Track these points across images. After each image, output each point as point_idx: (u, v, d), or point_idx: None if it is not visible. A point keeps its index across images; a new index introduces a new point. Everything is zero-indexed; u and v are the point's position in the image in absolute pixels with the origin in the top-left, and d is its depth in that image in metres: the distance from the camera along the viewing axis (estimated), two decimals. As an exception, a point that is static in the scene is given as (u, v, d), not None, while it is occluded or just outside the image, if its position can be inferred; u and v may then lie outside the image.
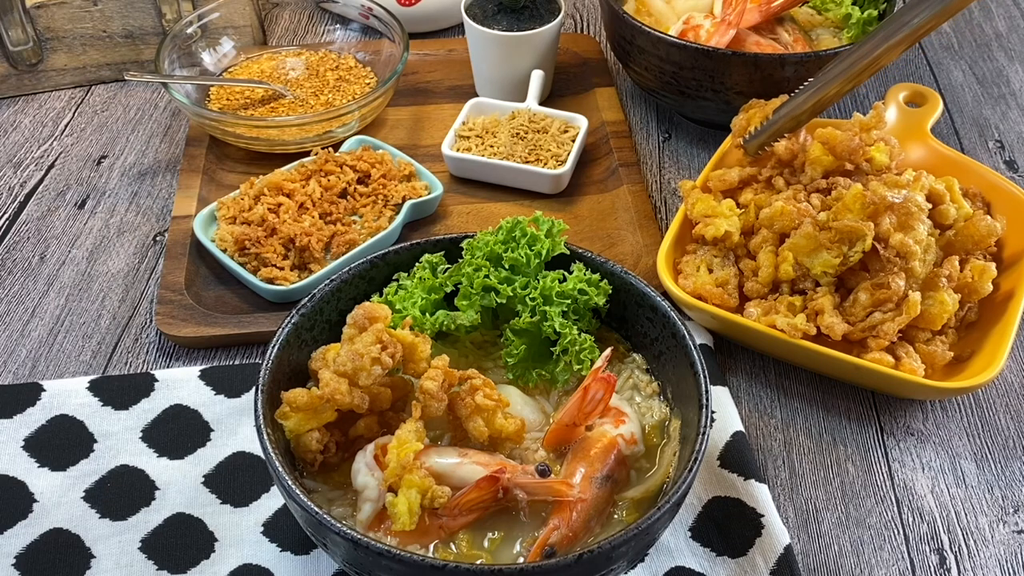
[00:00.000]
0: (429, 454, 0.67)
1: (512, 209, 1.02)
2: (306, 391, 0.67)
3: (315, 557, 0.72)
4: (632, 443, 0.70)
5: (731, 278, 0.87)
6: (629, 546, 0.60)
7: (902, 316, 0.80)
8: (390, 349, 0.68)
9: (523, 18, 1.12)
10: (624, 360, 0.77)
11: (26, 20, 1.13)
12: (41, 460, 0.78)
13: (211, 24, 1.16)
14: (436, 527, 0.65)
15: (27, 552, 0.72)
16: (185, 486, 0.77)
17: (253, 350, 0.89)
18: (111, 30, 1.17)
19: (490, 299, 0.76)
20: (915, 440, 0.83)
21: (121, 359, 0.88)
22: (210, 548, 0.73)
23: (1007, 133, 1.17)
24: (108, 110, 1.18)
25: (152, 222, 1.03)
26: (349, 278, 0.76)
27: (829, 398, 0.86)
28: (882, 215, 0.82)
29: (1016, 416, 0.85)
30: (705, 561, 0.72)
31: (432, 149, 1.09)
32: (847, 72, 0.86)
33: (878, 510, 0.77)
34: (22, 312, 0.93)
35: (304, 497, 0.60)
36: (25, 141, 1.13)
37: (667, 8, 1.16)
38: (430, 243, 0.80)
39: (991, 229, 0.87)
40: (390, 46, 1.16)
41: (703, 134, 1.15)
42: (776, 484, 0.79)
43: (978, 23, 1.37)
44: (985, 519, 0.77)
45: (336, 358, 0.68)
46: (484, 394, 0.69)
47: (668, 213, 1.04)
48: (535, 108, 1.09)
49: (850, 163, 0.91)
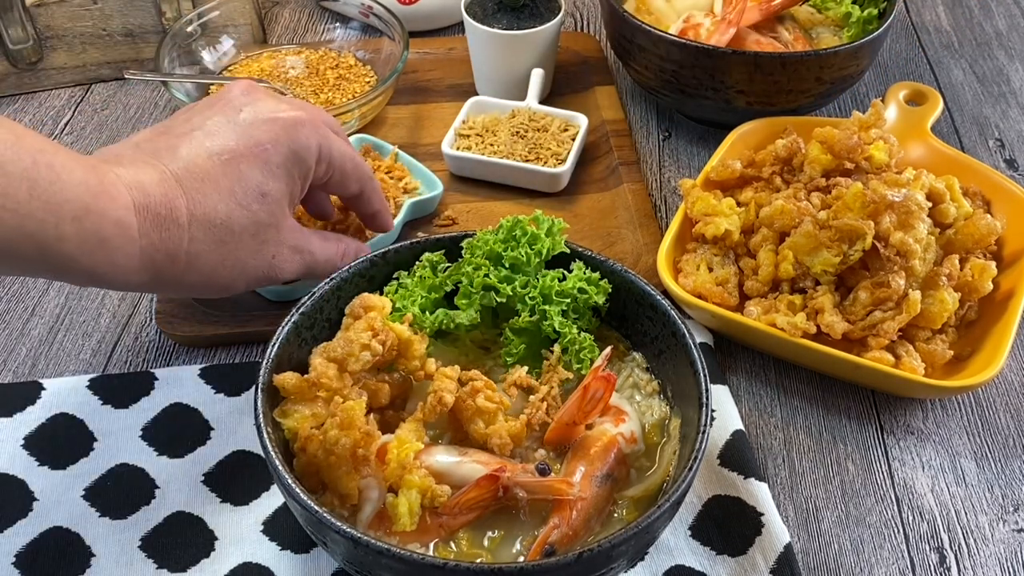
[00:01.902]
0: (429, 453, 0.67)
1: (512, 208, 1.02)
2: (296, 375, 0.67)
3: (315, 556, 0.72)
4: (632, 442, 0.71)
5: (731, 277, 0.87)
6: (629, 545, 0.60)
7: (902, 315, 0.80)
8: (381, 336, 0.68)
9: (523, 17, 1.12)
10: (624, 359, 0.77)
11: (26, 19, 1.12)
12: (41, 459, 0.78)
13: (211, 22, 1.16)
14: (436, 526, 0.65)
15: (27, 551, 0.72)
16: (185, 484, 0.77)
17: (253, 348, 0.89)
18: (111, 28, 1.17)
19: (490, 298, 0.76)
20: (915, 439, 0.83)
21: (121, 358, 0.88)
22: (210, 547, 0.73)
23: (1007, 132, 1.17)
24: (108, 109, 1.18)
25: (152, 221, 1.03)
26: (349, 276, 0.76)
27: (829, 397, 0.86)
28: (882, 214, 0.82)
29: (1016, 415, 0.85)
30: (705, 560, 0.72)
31: (432, 148, 1.09)
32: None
33: (878, 509, 0.77)
34: (22, 311, 0.93)
35: (304, 496, 0.60)
36: (25, 139, 1.13)
37: (667, 6, 1.15)
38: (430, 242, 0.80)
39: (991, 228, 0.87)
40: (390, 44, 1.16)
41: (703, 133, 1.15)
42: (776, 483, 0.79)
43: (978, 22, 1.37)
44: (985, 518, 0.77)
45: (328, 345, 0.68)
46: (486, 396, 0.69)
47: (668, 212, 1.04)
48: (535, 107, 1.09)
49: (849, 162, 0.91)
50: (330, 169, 0.77)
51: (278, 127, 0.73)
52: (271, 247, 0.74)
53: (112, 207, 0.63)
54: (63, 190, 0.61)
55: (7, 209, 0.58)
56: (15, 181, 0.58)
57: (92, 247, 0.63)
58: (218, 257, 0.70)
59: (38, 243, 0.60)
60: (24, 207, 0.59)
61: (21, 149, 0.59)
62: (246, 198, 0.70)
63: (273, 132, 0.72)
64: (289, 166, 0.73)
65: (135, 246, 0.65)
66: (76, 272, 0.64)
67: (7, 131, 0.59)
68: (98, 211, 0.62)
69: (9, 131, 0.60)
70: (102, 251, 0.63)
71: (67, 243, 0.62)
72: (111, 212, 0.63)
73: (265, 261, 0.74)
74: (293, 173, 0.73)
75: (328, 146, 0.76)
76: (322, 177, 0.77)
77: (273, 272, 0.75)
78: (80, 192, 0.61)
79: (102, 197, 0.63)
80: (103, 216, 0.63)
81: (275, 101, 0.75)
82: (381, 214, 0.86)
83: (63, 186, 0.61)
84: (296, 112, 0.74)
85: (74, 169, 0.62)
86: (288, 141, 0.73)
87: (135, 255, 0.65)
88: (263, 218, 0.72)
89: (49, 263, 0.62)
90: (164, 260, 0.67)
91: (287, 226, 0.75)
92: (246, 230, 0.71)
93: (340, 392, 0.67)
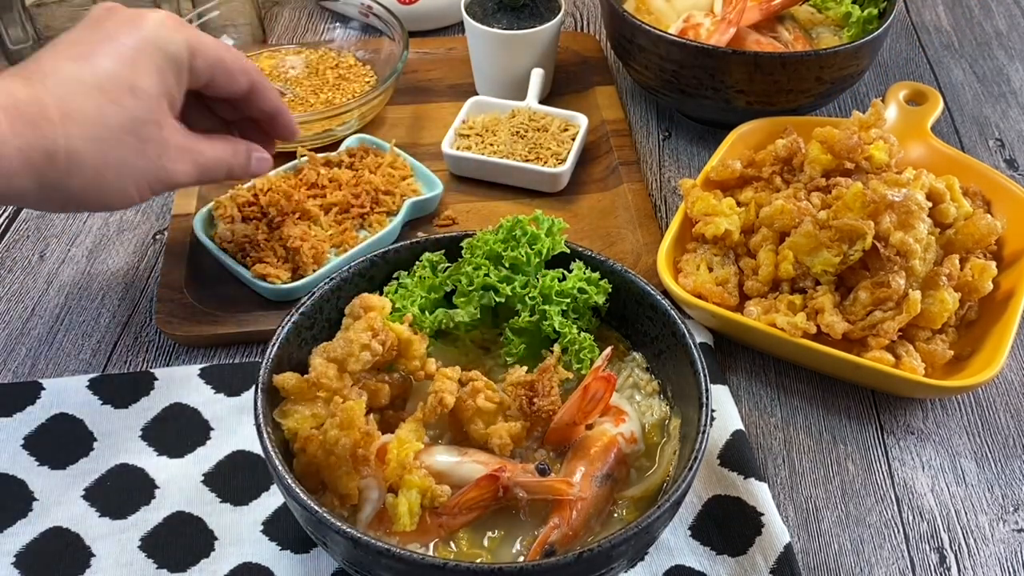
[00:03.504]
0: (429, 453, 0.67)
1: (512, 208, 1.02)
2: (295, 375, 0.67)
3: (315, 556, 0.72)
4: (632, 441, 0.70)
5: (731, 276, 0.87)
6: (629, 545, 0.60)
7: (902, 315, 0.80)
8: (381, 336, 0.68)
9: (523, 16, 1.11)
10: (624, 359, 0.77)
11: (26, 19, 1.12)
12: (41, 459, 0.78)
13: (211, 22, 1.16)
14: (436, 526, 0.65)
15: (27, 551, 0.72)
16: (185, 485, 0.77)
17: (253, 349, 0.89)
18: (111, 28, 1.17)
19: (489, 298, 0.76)
20: (915, 439, 0.83)
21: (121, 357, 0.88)
22: (210, 547, 0.73)
23: (1007, 132, 1.17)
24: (108, 108, 1.17)
25: (152, 220, 1.03)
26: (349, 276, 0.76)
27: (829, 397, 0.86)
28: (882, 214, 0.82)
29: (1016, 415, 0.85)
30: (705, 560, 0.72)
31: (432, 147, 1.09)
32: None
33: (878, 509, 0.77)
34: (21, 310, 0.93)
35: (304, 496, 0.60)
36: (25, 139, 1.13)
37: (667, 6, 1.16)
38: (430, 242, 0.80)
39: (991, 228, 0.87)
40: (390, 44, 1.16)
41: (703, 132, 1.15)
42: (776, 483, 0.79)
43: (978, 22, 1.37)
44: (985, 518, 0.77)
45: (328, 345, 0.68)
46: (486, 396, 0.69)
47: (668, 211, 1.04)
48: (535, 107, 1.09)
49: (849, 162, 0.91)
50: (208, 63, 0.75)
51: (141, 26, 0.72)
52: (154, 147, 0.72)
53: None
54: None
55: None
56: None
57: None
58: (99, 157, 0.69)
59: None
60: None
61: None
62: (116, 93, 0.70)
63: (136, 32, 0.72)
64: (159, 61, 0.72)
65: (10, 146, 0.65)
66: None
67: None
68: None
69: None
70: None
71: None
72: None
73: (151, 162, 0.73)
74: (165, 69, 0.72)
75: (198, 41, 0.75)
76: (203, 74, 0.76)
77: (164, 174, 0.74)
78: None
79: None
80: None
81: (136, 10, 0.74)
82: (282, 112, 0.84)
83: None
84: (157, 13, 0.74)
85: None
86: (154, 38, 0.72)
87: (13, 156, 0.65)
88: (139, 114, 0.71)
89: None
90: (43, 159, 0.67)
91: (169, 124, 0.74)
92: (123, 127, 0.70)
93: (340, 392, 0.67)
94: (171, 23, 0.74)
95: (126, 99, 0.70)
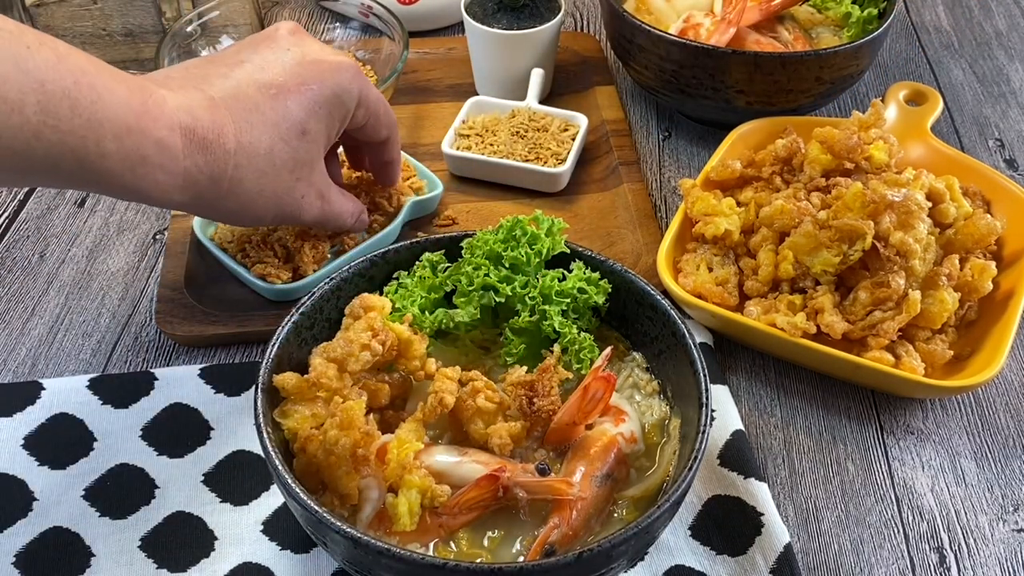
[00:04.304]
0: (429, 453, 0.67)
1: (512, 208, 1.02)
2: (295, 375, 0.67)
3: (315, 556, 0.72)
4: (632, 441, 0.71)
5: (731, 277, 0.87)
6: (629, 545, 0.60)
7: (902, 315, 0.80)
8: (381, 336, 0.68)
9: (523, 16, 1.11)
10: (624, 359, 0.77)
11: (26, 19, 1.12)
12: (41, 459, 0.78)
13: (211, 22, 1.16)
14: (436, 526, 0.65)
15: (27, 550, 0.72)
16: (185, 484, 0.77)
17: (253, 348, 0.89)
18: (111, 28, 1.17)
19: (489, 298, 0.76)
20: (915, 439, 0.83)
21: (121, 357, 0.88)
22: (210, 546, 0.73)
23: (1007, 132, 1.17)
24: (108, 108, 1.18)
25: (152, 220, 1.03)
26: (349, 276, 0.76)
27: (829, 397, 0.86)
28: (882, 214, 0.82)
29: (1016, 415, 0.85)
30: (705, 560, 0.72)
31: (432, 147, 1.09)
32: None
33: (878, 509, 0.77)
34: (21, 310, 0.93)
35: (304, 496, 0.60)
36: (25, 139, 1.13)
37: (667, 6, 1.15)
38: (430, 242, 0.80)
39: (991, 228, 0.87)
40: (390, 44, 1.16)
41: (703, 132, 1.15)
42: (776, 483, 0.79)
43: (978, 22, 1.37)
44: (985, 518, 0.77)
45: (328, 345, 0.68)
46: (486, 396, 0.69)
47: (668, 211, 1.04)
48: (535, 107, 1.09)
49: (849, 162, 0.91)
50: (367, 114, 0.81)
51: (324, 69, 0.76)
52: (303, 186, 0.77)
53: (154, 127, 0.66)
54: (104, 109, 0.63)
55: (48, 125, 0.61)
56: (56, 99, 0.61)
57: (133, 164, 0.66)
58: (257, 187, 0.74)
59: (79, 159, 0.64)
60: (66, 124, 0.62)
61: (63, 69, 0.62)
62: (289, 133, 0.74)
63: (319, 73, 0.76)
64: (331, 107, 0.76)
65: (178, 166, 0.68)
66: (118, 187, 0.67)
67: (49, 51, 0.62)
68: (139, 130, 0.65)
69: (52, 51, 0.62)
70: (143, 168, 0.67)
71: (108, 160, 0.65)
72: (153, 132, 0.66)
73: (295, 199, 0.78)
74: (333, 115, 0.77)
75: (367, 92, 0.80)
76: (360, 121, 0.81)
77: (299, 211, 0.79)
78: (122, 112, 0.64)
79: (144, 118, 0.66)
80: (144, 135, 0.66)
81: (320, 45, 0.79)
82: (394, 164, 0.91)
83: (104, 105, 0.63)
84: (340, 57, 0.78)
85: (116, 89, 0.65)
86: (333, 84, 0.76)
87: (178, 174, 0.69)
88: (302, 155, 0.76)
89: (90, 178, 0.65)
90: (207, 183, 0.71)
91: (319, 168, 0.79)
92: (285, 165, 0.75)
93: (340, 392, 0.67)
94: (352, 71, 0.78)
95: (296, 140, 0.75)
